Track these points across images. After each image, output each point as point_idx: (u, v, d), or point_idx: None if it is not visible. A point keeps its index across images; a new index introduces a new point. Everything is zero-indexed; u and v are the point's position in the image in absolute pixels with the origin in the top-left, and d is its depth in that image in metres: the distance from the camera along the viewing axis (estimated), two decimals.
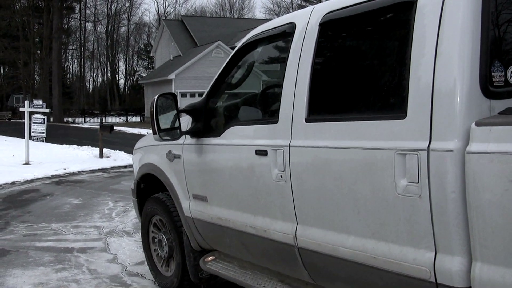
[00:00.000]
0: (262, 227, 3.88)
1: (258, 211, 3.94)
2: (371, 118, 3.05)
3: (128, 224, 8.60)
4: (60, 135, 27.68)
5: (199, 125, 4.52)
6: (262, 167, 3.82)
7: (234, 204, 4.21)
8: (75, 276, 5.97)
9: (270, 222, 3.82)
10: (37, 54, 56.22)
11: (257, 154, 3.85)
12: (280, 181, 3.65)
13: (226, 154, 4.27)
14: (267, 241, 3.86)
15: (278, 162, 3.66)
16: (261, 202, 3.89)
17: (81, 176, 14.84)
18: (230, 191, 4.24)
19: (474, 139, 2.48)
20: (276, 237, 3.76)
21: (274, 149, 3.70)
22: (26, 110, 17.40)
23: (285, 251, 3.72)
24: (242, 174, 4.08)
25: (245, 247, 4.23)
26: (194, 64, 43.71)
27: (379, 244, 2.98)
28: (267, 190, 3.80)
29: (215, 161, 4.41)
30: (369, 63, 3.40)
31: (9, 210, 9.97)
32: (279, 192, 3.68)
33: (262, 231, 3.88)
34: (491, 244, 2.44)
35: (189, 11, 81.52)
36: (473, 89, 2.60)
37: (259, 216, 3.94)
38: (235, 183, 4.16)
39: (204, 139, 4.48)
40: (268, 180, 3.77)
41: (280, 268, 3.99)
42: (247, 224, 4.03)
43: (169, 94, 4.49)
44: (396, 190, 2.82)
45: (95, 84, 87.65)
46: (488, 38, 2.65)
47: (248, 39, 4.34)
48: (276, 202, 3.75)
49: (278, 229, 3.73)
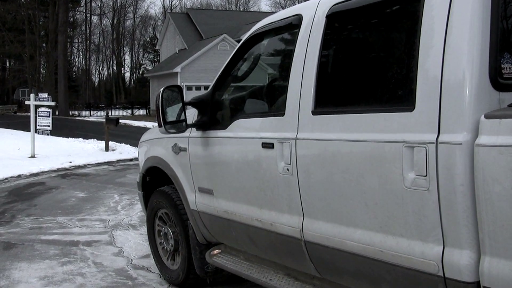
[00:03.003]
0: (269, 221, 3.86)
1: (265, 205, 3.92)
2: (378, 110, 3.02)
3: (133, 217, 8.60)
4: (66, 128, 27.74)
5: (205, 118, 4.50)
6: (268, 159, 3.80)
7: (240, 197, 4.19)
8: (80, 269, 5.97)
9: (277, 216, 3.80)
10: (43, 47, 56.39)
11: (264, 147, 3.83)
12: (287, 174, 3.63)
13: (232, 147, 4.25)
14: (274, 235, 3.84)
15: (284, 155, 3.64)
16: (268, 195, 3.87)
17: (86, 169, 14.86)
18: (236, 184, 4.22)
19: (483, 131, 2.46)
20: (282, 230, 3.74)
21: (280, 141, 3.67)
22: (31, 103, 17.43)
23: (292, 245, 3.70)
24: (248, 167, 4.06)
25: (252, 241, 4.22)
26: (199, 57, 43.68)
27: (386, 238, 2.96)
28: (273, 183, 3.78)
29: (221, 154, 4.39)
30: (377, 55, 3.36)
31: (15, 203, 9.98)
32: (286, 185, 3.66)
33: (269, 224, 3.86)
34: (500, 237, 2.41)
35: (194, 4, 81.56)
36: (483, 81, 2.57)
37: (265, 209, 3.92)
38: (241, 176, 4.14)
39: (210, 132, 4.46)
40: (274, 173, 3.75)
41: (286, 261, 3.98)
42: (254, 217, 4.01)
43: (175, 87, 4.47)
44: (404, 183, 2.80)
45: (101, 77, 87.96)
46: (498, 29, 2.62)
47: (253, 32, 4.31)
48: (282, 195, 3.72)
49: (284, 222, 3.71)
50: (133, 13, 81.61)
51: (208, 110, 4.50)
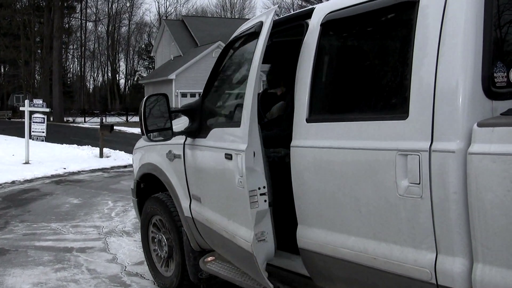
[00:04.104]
0: (232, 232, 3.88)
1: (230, 216, 3.94)
2: (372, 118, 3.03)
3: (127, 224, 8.59)
4: (60, 134, 27.66)
5: (195, 125, 4.50)
6: (229, 171, 3.79)
7: (215, 206, 4.22)
8: (74, 276, 5.95)
9: (237, 228, 3.82)
10: (38, 53, 56.26)
11: (226, 158, 3.82)
12: (240, 186, 3.63)
13: (208, 156, 4.27)
14: (236, 247, 3.86)
15: (239, 167, 3.61)
16: (232, 207, 3.88)
17: (81, 175, 14.83)
18: (211, 194, 4.26)
19: (476, 140, 2.47)
20: (240, 243, 3.76)
21: (237, 153, 3.65)
22: (26, 109, 17.37)
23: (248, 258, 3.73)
24: (217, 177, 4.08)
25: (228, 251, 4.22)
26: (194, 64, 43.73)
27: (380, 245, 2.97)
28: (234, 194, 3.77)
29: (202, 162, 4.40)
30: (371, 63, 3.38)
31: (9, 209, 9.95)
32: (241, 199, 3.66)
33: (232, 236, 3.88)
34: (492, 245, 2.42)
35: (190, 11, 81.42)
36: (475, 89, 2.58)
37: (230, 220, 3.94)
38: (214, 185, 4.19)
39: (196, 139, 4.48)
40: (232, 185, 3.74)
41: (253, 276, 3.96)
42: (223, 227, 4.03)
43: (162, 95, 4.48)
44: (398, 191, 2.81)
45: (96, 83, 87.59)
46: (491, 38, 2.64)
47: (233, 38, 4.31)
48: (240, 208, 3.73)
49: (242, 235, 3.73)
50: (128, 19, 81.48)
51: (198, 118, 4.50)
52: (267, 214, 3.65)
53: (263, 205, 3.60)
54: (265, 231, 3.65)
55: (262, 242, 3.64)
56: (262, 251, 3.63)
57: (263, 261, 3.65)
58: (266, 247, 3.66)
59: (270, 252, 3.69)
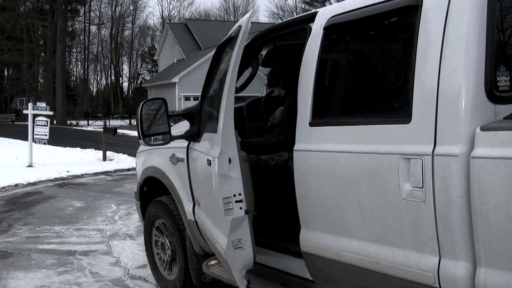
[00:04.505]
0: (216, 239, 3.88)
1: (214, 222, 3.94)
2: (375, 122, 3.03)
3: (131, 227, 8.58)
4: (64, 137, 27.67)
5: (194, 129, 4.50)
6: (210, 177, 3.76)
7: (206, 211, 4.22)
8: (77, 279, 5.96)
9: (218, 235, 3.81)
10: (41, 56, 56.44)
11: (207, 164, 3.80)
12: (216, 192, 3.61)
13: (199, 161, 4.26)
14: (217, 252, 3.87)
15: (213, 172, 3.59)
16: (214, 213, 3.88)
17: (84, 178, 14.83)
18: (203, 198, 4.27)
19: (479, 143, 2.47)
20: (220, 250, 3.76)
21: (213, 159, 3.62)
22: (29, 112, 17.38)
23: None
24: (205, 182, 4.07)
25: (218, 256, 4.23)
26: (197, 67, 43.72)
27: (382, 249, 2.97)
28: (214, 201, 3.75)
29: (196, 166, 4.40)
30: (374, 67, 3.39)
31: (12, 212, 9.96)
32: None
33: (215, 241, 3.88)
34: (496, 249, 2.42)
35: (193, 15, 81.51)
36: (478, 93, 2.59)
37: (214, 226, 3.94)
38: (204, 190, 4.17)
39: (194, 143, 4.48)
40: (213, 191, 3.71)
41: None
42: (210, 232, 4.04)
43: (159, 99, 4.48)
44: (401, 194, 2.81)
45: (99, 87, 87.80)
46: (494, 42, 2.64)
47: (221, 42, 4.30)
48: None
49: (220, 242, 3.72)
50: (131, 23, 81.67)
51: (197, 122, 4.49)
52: (244, 222, 3.62)
53: (239, 213, 3.57)
54: (242, 238, 3.61)
55: (239, 249, 3.61)
56: (238, 258, 3.62)
57: (240, 269, 3.65)
58: (243, 255, 3.64)
59: (248, 260, 3.66)
